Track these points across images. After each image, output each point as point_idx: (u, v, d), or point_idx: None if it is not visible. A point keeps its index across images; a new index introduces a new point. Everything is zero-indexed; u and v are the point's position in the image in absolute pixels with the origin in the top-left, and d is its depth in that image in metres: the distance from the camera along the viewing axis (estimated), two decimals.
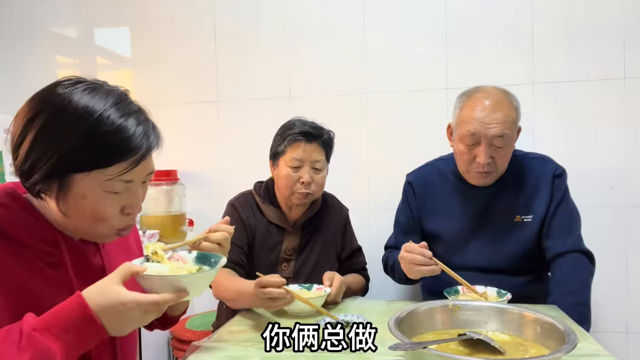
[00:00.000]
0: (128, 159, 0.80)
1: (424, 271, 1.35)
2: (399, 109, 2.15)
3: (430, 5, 2.10)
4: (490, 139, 1.44)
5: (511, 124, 1.45)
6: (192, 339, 1.90)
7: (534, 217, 1.53)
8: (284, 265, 1.60)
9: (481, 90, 1.51)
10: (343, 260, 1.73)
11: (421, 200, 1.67)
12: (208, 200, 2.27)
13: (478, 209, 1.57)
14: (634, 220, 1.98)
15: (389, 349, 0.91)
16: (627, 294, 1.99)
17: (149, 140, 0.83)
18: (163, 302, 0.76)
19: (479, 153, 1.46)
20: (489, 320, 1.12)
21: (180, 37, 2.32)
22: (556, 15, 2.01)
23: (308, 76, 2.22)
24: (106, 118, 0.79)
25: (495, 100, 1.46)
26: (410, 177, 1.74)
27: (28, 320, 0.71)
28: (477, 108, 1.46)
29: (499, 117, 1.43)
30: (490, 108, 1.44)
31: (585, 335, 1.14)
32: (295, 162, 1.55)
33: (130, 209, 0.86)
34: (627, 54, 1.96)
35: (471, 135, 1.45)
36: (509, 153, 1.50)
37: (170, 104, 2.27)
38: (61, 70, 2.47)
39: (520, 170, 1.58)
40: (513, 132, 1.48)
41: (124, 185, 0.82)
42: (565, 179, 1.57)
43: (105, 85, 0.85)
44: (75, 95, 0.80)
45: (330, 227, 1.69)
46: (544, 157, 1.62)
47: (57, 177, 0.79)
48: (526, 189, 1.55)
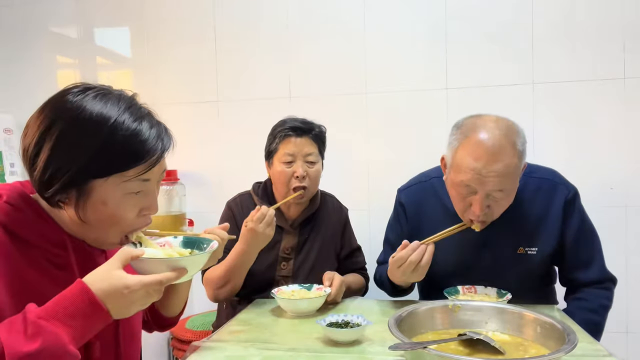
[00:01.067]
0: (145, 161, 0.82)
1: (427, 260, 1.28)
2: (399, 109, 2.15)
3: (430, 5, 2.10)
4: (488, 192, 1.26)
5: (512, 175, 1.25)
6: (192, 339, 1.91)
7: (539, 250, 1.39)
8: (282, 264, 1.60)
9: (480, 128, 1.27)
10: (342, 259, 1.73)
11: (414, 224, 1.52)
12: (208, 200, 2.27)
13: (477, 239, 1.39)
14: (634, 220, 1.98)
15: (389, 349, 0.91)
16: (627, 294, 1.99)
17: (163, 141, 0.86)
18: (166, 280, 0.78)
19: (474, 202, 1.28)
20: (489, 320, 1.12)
21: (180, 37, 2.32)
22: (556, 15, 2.01)
23: (308, 76, 2.22)
24: (121, 123, 0.80)
25: (497, 145, 1.23)
26: (402, 196, 1.58)
27: (31, 309, 0.72)
28: (474, 155, 1.24)
29: (499, 169, 1.22)
30: (490, 157, 1.22)
31: (585, 335, 1.14)
32: (288, 157, 1.56)
33: (147, 210, 0.88)
34: (627, 54, 1.96)
35: (466, 186, 1.28)
36: (509, 203, 1.31)
37: (170, 104, 2.27)
38: (61, 70, 2.47)
39: (524, 193, 1.38)
40: (515, 182, 1.29)
41: (141, 184, 0.84)
42: (578, 201, 1.41)
43: (114, 91, 0.86)
44: (87, 102, 0.81)
45: (329, 226, 1.69)
46: (552, 177, 1.43)
47: (76, 185, 0.80)
48: (531, 218, 1.39)
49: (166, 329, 1.18)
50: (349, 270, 1.70)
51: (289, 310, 1.36)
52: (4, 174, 2.24)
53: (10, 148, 2.29)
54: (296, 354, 1.07)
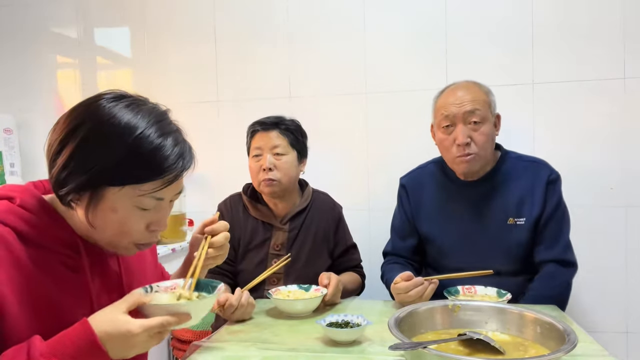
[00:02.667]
0: (163, 178, 0.82)
1: (427, 296, 1.35)
2: (399, 109, 2.15)
3: (430, 5, 2.10)
4: (464, 117, 1.49)
5: (482, 103, 1.50)
6: (192, 339, 1.90)
7: (526, 220, 1.52)
8: (273, 261, 1.60)
9: (452, 84, 1.59)
10: (337, 256, 1.73)
11: (415, 204, 1.68)
12: (208, 200, 2.27)
13: (470, 211, 1.57)
14: (634, 220, 1.98)
15: (389, 349, 0.91)
16: (627, 294, 1.99)
17: (184, 160, 0.86)
18: (167, 324, 0.78)
19: (457, 134, 1.49)
20: (488, 320, 1.12)
21: (180, 37, 2.32)
22: (556, 15, 2.01)
23: (308, 76, 2.22)
24: (147, 137, 0.80)
25: (464, 85, 1.55)
26: (404, 180, 1.75)
27: (35, 344, 0.73)
28: (448, 95, 1.54)
29: (469, 97, 1.50)
30: (460, 90, 1.53)
31: (585, 335, 1.14)
32: (256, 151, 1.61)
33: (155, 226, 0.88)
34: (627, 54, 1.96)
35: (445, 117, 1.51)
36: (487, 133, 1.51)
37: (170, 104, 2.25)
38: (61, 70, 2.47)
39: (513, 171, 1.57)
40: (487, 112, 1.51)
41: (154, 202, 0.84)
42: (559, 185, 1.56)
43: (148, 103, 0.88)
44: (119, 110, 0.81)
45: (321, 223, 1.69)
46: (539, 160, 1.61)
47: (90, 188, 0.80)
48: (519, 191, 1.55)
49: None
50: (344, 268, 1.70)
51: (284, 310, 1.36)
52: (4, 174, 2.24)
53: (10, 148, 2.29)
54: (296, 354, 1.07)
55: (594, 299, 2.01)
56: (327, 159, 2.13)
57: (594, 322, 2.01)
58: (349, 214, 1.82)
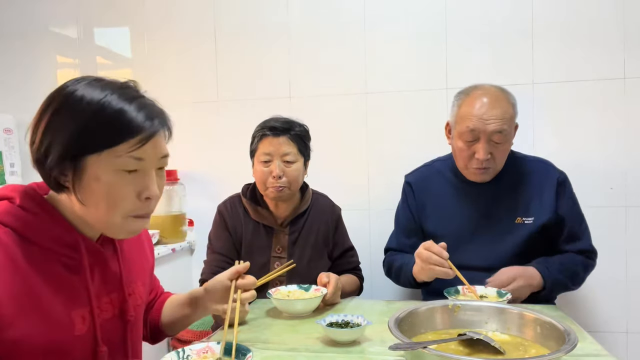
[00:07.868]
0: (134, 137, 0.83)
1: (437, 272, 1.35)
2: (399, 109, 2.15)
3: (431, 5, 2.10)
4: (489, 135, 1.47)
5: (509, 120, 1.49)
6: (192, 339, 1.91)
7: (535, 220, 1.54)
8: (276, 264, 1.61)
9: (479, 88, 1.54)
10: (335, 259, 1.73)
11: (421, 201, 1.68)
12: (208, 200, 2.27)
13: (478, 210, 1.58)
14: (634, 220, 1.98)
15: (389, 349, 0.91)
16: (627, 294, 1.99)
17: (154, 121, 0.86)
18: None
19: (478, 149, 1.49)
20: (489, 320, 1.12)
21: (180, 37, 2.32)
22: (556, 16, 2.01)
23: (308, 76, 2.22)
24: (109, 101, 0.83)
25: (493, 97, 1.50)
26: (409, 177, 1.76)
27: None
28: (475, 105, 1.49)
29: (497, 113, 1.46)
30: (489, 105, 1.48)
31: (585, 335, 1.14)
32: (265, 157, 1.58)
33: (146, 193, 0.86)
34: (627, 54, 1.96)
35: (470, 131, 1.48)
36: (507, 149, 1.53)
37: (170, 104, 2.25)
38: (61, 70, 2.47)
39: (520, 171, 1.59)
40: (511, 128, 1.51)
41: (134, 162, 0.84)
42: (570, 185, 1.60)
43: (110, 79, 0.91)
44: (81, 86, 0.85)
45: (320, 225, 1.69)
46: (545, 161, 1.64)
47: (70, 160, 0.81)
48: (527, 190, 1.57)
49: (157, 342, 1.21)
50: (342, 270, 1.70)
51: (284, 310, 1.36)
52: (4, 174, 2.24)
53: (10, 148, 2.29)
54: (296, 354, 1.07)
55: (594, 299, 2.01)
56: (327, 159, 2.13)
57: (594, 322, 2.01)
58: (349, 214, 1.82)
